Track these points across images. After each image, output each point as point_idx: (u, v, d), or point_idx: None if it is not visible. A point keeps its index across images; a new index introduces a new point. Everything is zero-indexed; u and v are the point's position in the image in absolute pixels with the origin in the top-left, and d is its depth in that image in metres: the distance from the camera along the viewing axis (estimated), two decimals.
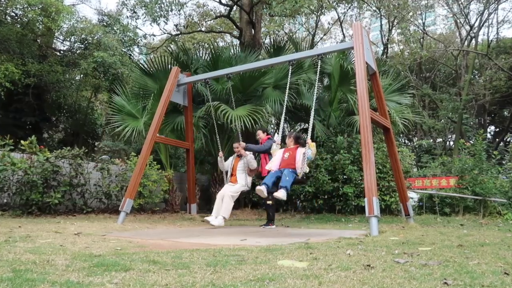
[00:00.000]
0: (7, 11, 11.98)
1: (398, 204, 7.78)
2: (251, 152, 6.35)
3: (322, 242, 3.63)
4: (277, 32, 19.28)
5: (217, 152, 6.83)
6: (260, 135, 6.75)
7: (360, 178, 8.44)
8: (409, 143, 23.60)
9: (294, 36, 15.23)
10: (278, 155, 5.36)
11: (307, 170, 5.16)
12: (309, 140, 5.09)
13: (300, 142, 5.43)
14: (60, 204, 7.09)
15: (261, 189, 4.81)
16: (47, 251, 2.80)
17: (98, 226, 5.34)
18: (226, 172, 6.56)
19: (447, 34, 23.10)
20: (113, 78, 12.54)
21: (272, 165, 5.28)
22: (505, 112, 22.74)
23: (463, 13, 18.32)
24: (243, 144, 6.29)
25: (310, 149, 5.04)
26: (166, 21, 12.89)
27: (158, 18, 15.08)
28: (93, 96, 16.61)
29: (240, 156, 6.38)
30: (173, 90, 7.31)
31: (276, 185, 4.99)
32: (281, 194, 4.75)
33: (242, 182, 6.24)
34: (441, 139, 22.93)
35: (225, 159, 6.72)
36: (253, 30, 12.08)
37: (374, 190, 4.72)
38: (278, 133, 6.01)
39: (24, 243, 3.21)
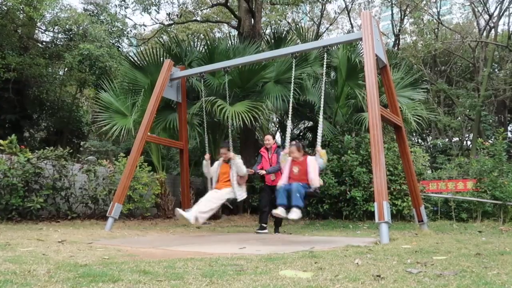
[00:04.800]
0: None
1: (411, 209, 7.78)
2: (240, 156, 6.14)
3: (328, 251, 3.63)
4: (279, 22, 19.27)
5: (215, 151, 6.77)
6: (270, 140, 6.61)
7: (369, 180, 8.44)
8: (422, 143, 23.62)
9: (298, 26, 15.23)
10: (286, 169, 5.15)
11: (321, 184, 5.02)
12: (319, 148, 4.97)
13: (305, 150, 5.24)
14: (42, 209, 7.09)
15: (278, 213, 4.71)
16: (28, 260, 2.79)
17: (84, 233, 5.34)
18: (211, 179, 6.28)
19: (464, 24, 23.08)
20: (100, 72, 12.55)
21: (282, 181, 5.08)
22: None
23: (481, 1, 18.32)
24: (232, 154, 5.92)
25: (321, 159, 4.90)
26: (157, 9, 12.95)
27: (149, 7, 15.08)
28: (78, 91, 16.60)
29: (227, 161, 6.03)
30: (165, 85, 7.30)
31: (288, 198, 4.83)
32: (295, 215, 4.59)
33: (229, 189, 5.90)
34: (457, 139, 22.95)
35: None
36: (252, 20, 12.08)
37: (384, 194, 4.72)
38: (283, 135, 5.86)
39: (3, 252, 3.21)
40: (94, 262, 2.83)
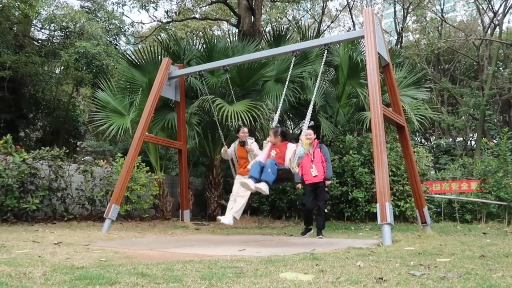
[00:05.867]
0: None
1: (414, 211, 7.78)
2: (253, 140, 6.19)
3: (330, 253, 3.63)
4: (279, 19, 19.29)
5: (214, 151, 6.77)
6: (312, 135, 6.40)
7: (372, 181, 8.45)
8: (426, 143, 23.61)
9: (298, 24, 15.24)
10: (264, 151, 5.26)
11: (297, 171, 5.10)
12: (302, 137, 5.04)
13: (289, 138, 5.26)
14: (38, 210, 7.08)
15: (247, 183, 4.66)
16: (24, 262, 2.79)
17: (81, 235, 5.34)
18: (233, 164, 6.41)
19: (468, 21, 23.09)
20: (97, 71, 12.53)
21: (258, 159, 5.17)
22: None
23: None
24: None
25: (302, 147, 4.96)
26: (155, 7, 12.98)
27: (147, 4, 15.11)
28: (75, 90, 16.59)
29: (243, 144, 6.14)
30: (163, 84, 7.31)
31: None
32: (263, 186, 4.61)
33: None
34: (461, 138, 22.93)
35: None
36: (252, 17, 12.09)
37: (387, 194, 4.72)
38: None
39: None
40: (91, 265, 2.83)
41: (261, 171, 4.82)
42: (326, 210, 6.52)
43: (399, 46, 20.94)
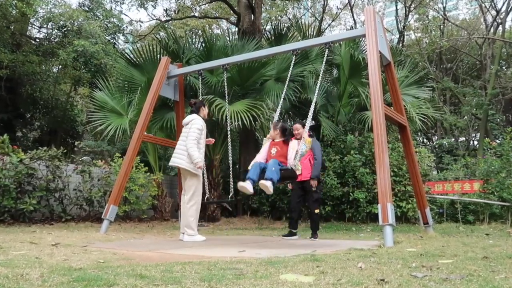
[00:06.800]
0: None
1: (416, 211, 7.78)
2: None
3: (330, 254, 3.63)
4: (279, 18, 19.29)
5: (213, 151, 6.70)
6: (300, 130, 6.02)
7: (373, 182, 8.44)
8: (428, 143, 23.62)
9: (299, 22, 15.24)
10: (264, 148, 5.15)
11: (299, 168, 5.01)
12: (305, 135, 4.98)
13: (289, 135, 5.17)
14: (35, 211, 7.09)
15: (245, 186, 4.45)
16: (21, 264, 2.79)
17: (79, 236, 5.33)
18: None
19: (471, 20, 23.09)
20: (95, 70, 12.55)
21: (257, 158, 5.04)
22: None
23: None
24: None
25: (304, 145, 4.90)
26: (154, 5, 12.96)
27: (145, 2, 15.09)
28: (72, 90, 16.61)
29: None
30: (162, 83, 7.30)
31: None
32: (268, 184, 4.41)
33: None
34: (464, 138, 22.93)
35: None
36: (252, 16, 12.08)
37: (388, 195, 4.72)
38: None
39: None
40: (89, 266, 2.83)
41: (260, 172, 4.65)
42: (317, 211, 6.01)
43: (400, 44, 20.94)
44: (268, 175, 4.52)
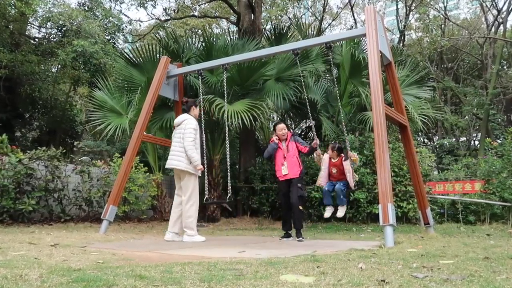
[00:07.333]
0: None
1: (417, 212, 7.78)
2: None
3: (331, 254, 3.63)
4: (279, 17, 19.27)
5: (213, 151, 6.68)
6: (285, 130, 6.19)
7: (374, 182, 8.44)
8: (428, 143, 23.62)
9: (299, 21, 15.24)
10: (324, 168, 5.94)
11: (357, 178, 5.98)
12: (351, 154, 5.67)
13: (343, 153, 5.92)
14: (34, 211, 7.09)
15: (328, 214, 5.87)
16: (20, 264, 2.79)
17: (78, 236, 5.34)
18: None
19: (472, 19, 23.08)
20: (94, 70, 12.54)
21: (321, 181, 5.95)
22: None
23: None
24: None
25: (354, 164, 5.75)
26: (154, 4, 12.94)
27: (145, 1, 15.08)
28: (72, 89, 16.61)
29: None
30: (162, 83, 7.30)
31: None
32: (341, 213, 5.72)
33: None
34: (465, 138, 22.93)
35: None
36: (252, 15, 12.08)
37: (389, 195, 4.72)
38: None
39: None
40: (88, 267, 2.83)
41: (329, 195, 5.86)
42: (300, 208, 5.93)
43: (401, 44, 20.94)
44: (339, 202, 5.75)
